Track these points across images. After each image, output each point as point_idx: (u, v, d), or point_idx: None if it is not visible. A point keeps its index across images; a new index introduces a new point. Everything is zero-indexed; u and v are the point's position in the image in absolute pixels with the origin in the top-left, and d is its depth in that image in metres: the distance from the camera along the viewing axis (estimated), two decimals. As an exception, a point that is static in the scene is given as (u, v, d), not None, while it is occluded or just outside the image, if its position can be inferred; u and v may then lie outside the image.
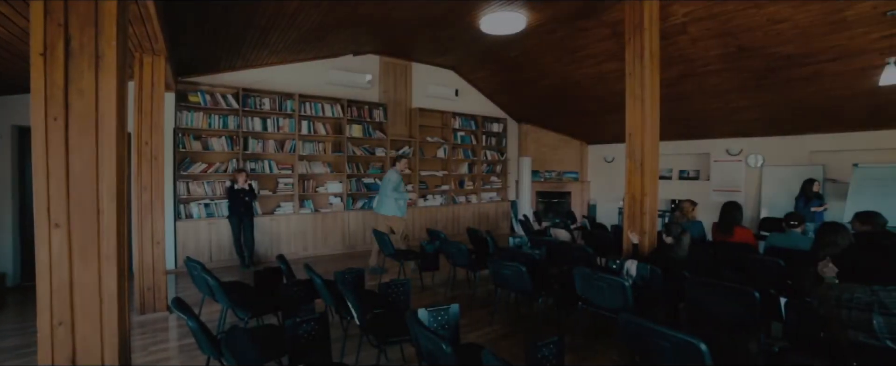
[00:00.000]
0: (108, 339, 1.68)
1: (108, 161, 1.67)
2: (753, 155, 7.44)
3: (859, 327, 1.85)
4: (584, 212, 9.47)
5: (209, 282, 3.00)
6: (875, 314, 1.81)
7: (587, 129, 9.34)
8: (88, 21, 1.63)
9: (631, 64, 4.21)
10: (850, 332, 1.88)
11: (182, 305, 2.14)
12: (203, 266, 3.14)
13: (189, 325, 2.04)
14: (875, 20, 4.14)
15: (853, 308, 1.88)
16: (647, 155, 4.12)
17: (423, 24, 5.79)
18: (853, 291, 1.92)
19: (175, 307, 2.13)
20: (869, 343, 1.82)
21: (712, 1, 4.53)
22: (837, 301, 1.94)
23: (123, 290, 1.78)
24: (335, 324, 3.65)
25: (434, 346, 1.86)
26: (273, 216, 6.31)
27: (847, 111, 5.79)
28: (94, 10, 1.64)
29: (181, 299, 2.20)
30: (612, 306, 2.99)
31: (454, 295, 4.64)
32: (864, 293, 1.88)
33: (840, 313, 1.92)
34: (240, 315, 2.94)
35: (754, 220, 7.09)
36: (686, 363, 1.94)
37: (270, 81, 6.43)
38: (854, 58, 4.72)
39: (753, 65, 5.36)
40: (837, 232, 2.61)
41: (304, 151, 6.66)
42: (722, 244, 4.27)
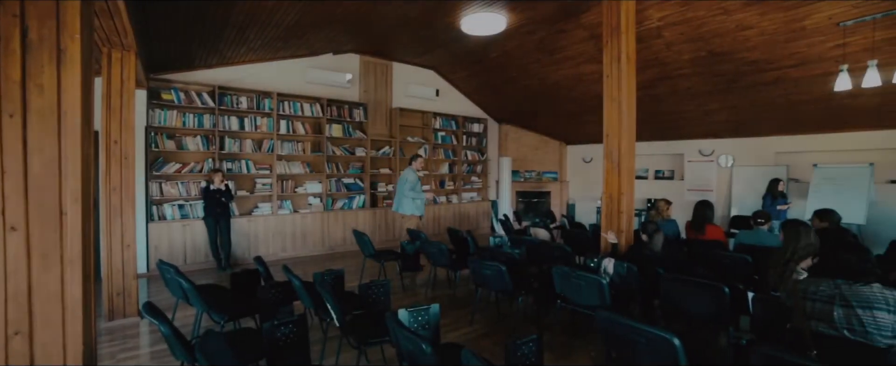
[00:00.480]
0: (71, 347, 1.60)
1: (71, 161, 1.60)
2: (724, 156, 7.70)
3: (821, 318, 1.95)
4: (563, 211, 9.61)
5: (183, 285, 2.93)
6: (836, 306, 1.91)
7: (566, 129, 9.48)
8: (48, 13, 1.55)
9: (608, 66, 4.30)
10: (813, 323, 1.97)
11: (154, 309, 2.07)
12: (177, 269, 3.05)
13: (161, 330, 1.99)
14: (830, 30, 4.38)
15: (817, 300, 1.98)
16: (624, 155, 4.21)
17: (403, 23, 5.78)
18: (819, 284, 2.02)
19: (146, 312, 2.06)
20: (828, 334, 1.92)
21: (685, 7, 4.68)
22: (804, 293, 2.04)
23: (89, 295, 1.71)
24: (314, 326, 3.60)
25: (414, 346, 1.86)
26: (251, 217, 6.19)
27: (807, 115, 6.08)
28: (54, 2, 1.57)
29: (153, 304, 2.13)
30: (590, 304, 3.05)
31: (435, 295, 4.64)
32: (828, 287, 1.97)
33: (805, 305, 2.01)
34: (215, 319, 2.87)
35: (725, 218, 7.34)
36: (660, 358, 2.00)
37: (248, 80, 6.30)
38: (812, 64, 4.97)
39: (723, 69, 5.55)
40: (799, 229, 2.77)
41: (282, 151, 6.54)
42: (695, 242, 4.41)
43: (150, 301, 2.18)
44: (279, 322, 2.21)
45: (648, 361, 2.07)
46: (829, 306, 1.94)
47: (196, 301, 2.94)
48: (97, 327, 3.59)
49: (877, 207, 5.88)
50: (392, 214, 7.62)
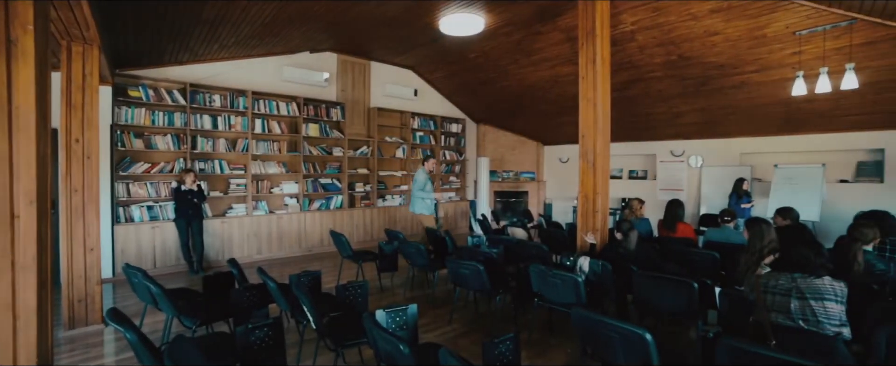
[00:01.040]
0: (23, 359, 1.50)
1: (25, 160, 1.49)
2: (694, 156, 7.97)
3: (780, 310, 2.07)
4: (540, 211, 9.74)
5: (152, 290, 2.82)
6: (793, 298, 2.03)
7: (543, 130, 9.62)
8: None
9: (584, 68, 4.39)
10: (773, 314, 2.08)
11: (119, 316, 1.98)
12: (145, 273, 2.94)
13: (127, 337, 1.90)
14: (787, 38, 4.63)
15: (776, 293, 2.09)
16: (599, 156, 4.31)
17: (381, 22, 5.74)
18: (778, 278, 2.13)
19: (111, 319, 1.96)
20: (786, 324, 2.04)
21: (656, 12, 4.82)
22: (765, 287, 2.14)
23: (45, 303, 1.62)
24: (291, 329, 3.54)
25: (392, 347, 1.86)
26: (224, 218, 6.03)
27: (768, 117, 6.38)
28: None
29: (118, 310, 2.04)
30: (567, 302, 3.11)
31: (413, 295, 4.63)
32: (786, 280, 2.09)
33: (765, 298, 2.12)
34: (187, 324, 2.79)
35: (695, 216, 7.60)
36: (633, 353, 2.06)
37: (221, 77, 6.13)
38: (773, 70, 5.22)
39: (692, 73, 5.75)
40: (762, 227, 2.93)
41: (257, 151, 6.40)
42: (666, 239, 4.55)
43: (115, 307, 2.08)
44: (254, 326, 2.17)
45: (622, 356, 2.12)
46: (786, 298, 2.05)
47: (165, 306, 2.85)
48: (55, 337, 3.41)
49: (828, 205, 6.24)
50: (370, 215, 7.57)
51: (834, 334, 1.93)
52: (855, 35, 4.31)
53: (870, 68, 4.67)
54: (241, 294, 3.03)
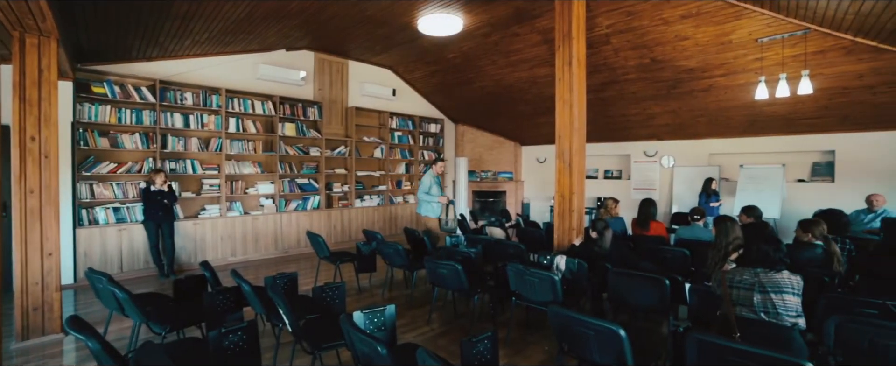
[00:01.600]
0: None
1: None
2: (666, 156, 8.22)
3: (744, 303, 2.17)
4: (518, 210, 9.85)
5: (117, 295, 2.71)
6: (755, 292, 2.14)
7: (521, 130, 9.73)
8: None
9: (560, 70, 4.47)
10: (738, 308, 2.18)
11: (80, 324, 1.88)
12: (110, 278, 2.82)
13: (89, 346, 1.79)
14: (751, 44, 4.86)
15: (741, 288, 2.20)
16: (575, 156, 4.39)
17: (359, 21, 5.69)
18: (742, 273, 2.23)
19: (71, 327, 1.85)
20: (749, 317, 2.14)
21: (630, 16, 4.95)
22: (730, 282, 2.24)
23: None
24: (266, 332, 3.48)
25: (369, 348, 1.85)
26: (197, 220, 5.85)
27: (735, 119, 6.66)
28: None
29: (79, 318, 1.93)
30: (544, 300, 3.16)
31: (392, 296, 4.61)
32: (749, 275, 2.20)
33: (731, 293, 2.22)
34: (156, 330, 2.69)
35: (667, 215, 7.83)
36: (608, 348, 2.11)
37: (193, 74, 5.94)
38: (738, 74, 5.45)
39: (664, 75, 5.93)
40: (727, 224, 3.06)
41: (231, 151, 6.24)
42: (640, 238, 4.68)
43: (75, 315, 1.97)
44: (227, 330, 2.12)
45: (597, 352, 2.17)
46: (750, 292, 2.16)
47: (132, 312, 2.74)
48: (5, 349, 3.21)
49: (788, 204, 6.58)
50: (348, 215, 7.49)
51: (791, 325, 2.05)
52: (809, 44, 4.57)
53: (822, 75, 4.95)
54: (215, 298, 2.95)
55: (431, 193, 5.54)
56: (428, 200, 5.55)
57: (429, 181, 5.57)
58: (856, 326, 2.08)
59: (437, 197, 5.54)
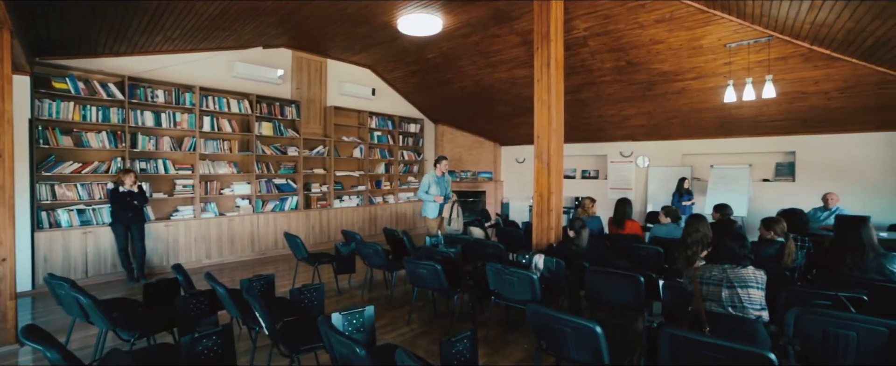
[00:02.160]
0: None
1: None
2: (642, 157, 8.43)
3: (713, 299, 2.26)
4: (497, 210, 9.92)
5: (81, 301, 2.58)
6: (723, 287, 2.23)
7: (500, 131, 9.81)
8: None
9: (539, 71, 4.52)
10: (707, 303, 2.27)
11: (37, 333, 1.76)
12: (72, 283, 2.69)
13: (48, 356, 1.69)
14: (720, 49, 5.05)
15: (710, 284, 2.28)
16: (553, 156, 4.46)
17: (338, 20, 5.63)
18: (711, 270, 2.32)
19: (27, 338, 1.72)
20: (718, 312, 2.23)
21: (607, 20, 5.06)
22: (700, 278, 2.32)
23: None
24: (243, 336, 3.41)
25: (348, 350, 1.83)
26: (169, 221, 5.67)
27: (705, 121, 6.90)
28: None
29: (36, 327, 1.81)
30: (523, 299, 3.19)
31: (371, 297, 4.58)
32: (718, 271, 2.28)
33: (701, 289, 2.30)
34: (124, 337, 2.58)
35: (642, 214, 8.03)
36: (585, 345, 2.15)
37: (165, 71, 5.75)
38: (708, 78, 5.65)
39: (639, 78, 6.08)
40: (698, 221, 3.18)
41: (206, 150, 6.07)
42: (616, 236, 4.78)
43: (32, 324, 1.86)
44: (201, 334, 2.06)
45: (575, 349, 2.22)
46: (718, 288, 2.24)
47: (98, 318, 2.61)
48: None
49: (754, 202, 6.87)
50: (326, 216, 7.40)
51: (755, 318, 2.15)
52: (772, 50, 4.79)
53: (784, 80, 5.19)
54: (187, 301, 2.87)
55: (430, 193, 5.50)
56: (427, 200, 5.52)
57: (426, 181, 5.53)
58: (812, 317, 2.21)
59: (430, 197, 5.49)
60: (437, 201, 5.50)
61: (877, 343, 2.05)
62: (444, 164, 5.65)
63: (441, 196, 5.53)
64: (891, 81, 4.85)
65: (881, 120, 5.76)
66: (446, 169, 5.69)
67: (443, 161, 5.65)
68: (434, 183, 5.54)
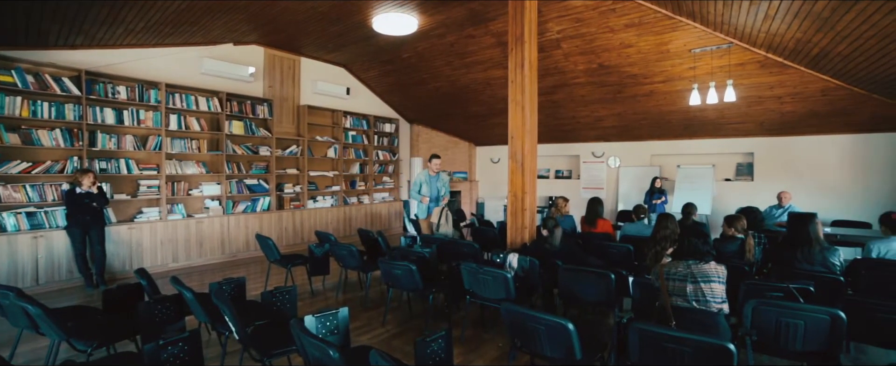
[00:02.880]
0: None
1: None
2: (613, 157, 8.66)
3: (679, 294, 2.36)
4: (473, 210, 9.99)
5: (30, 311, 2.39)
6: (688, 282, 2.33)
7: (475, 131, 9.87)
8: None
9: (513, 72, 4.58)
10: (674, 298, 2.36)
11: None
12: (19, 292, 2.49)
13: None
14: (685, 54, 5.27)
15: (676, 279, 2.37)
16: (527, 156, 4.52)
17: (311, 17, 5.53)
18: (677, 266, 2.41)
19: None
20: (683, 306, 2.33)
21: (579, 23, 5.18)
22: (667, 275, 2.41)
23: None
24: (212, 342, 3.30)
25: (321, 352, 1.81)
26: (132, 224, 5.42)
27: (672, 123, 7.17)
28: None
29: None
30: (497, 297, 3.23)
31: (345, 299, 4.53)
32: (683, 267, 2.38)
33: (668, 285, 2.39)
34: (79, 347, 2.42)
35: (613, 212, 8.26)
36: (558, 342, 2.19)
37: (128, 66, 5.50)
38: (675, 82, 5.87)
39: (611, 80, 6.25)
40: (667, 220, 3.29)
41: (173, 149, 5.85)
42: (588, 235, 4.89)
43: None
44: (166, 341, 1.98)
45: (548, 346, 2.26)
46: (683, 283, 2.34)
47: (49, 328, 2.42)
48: None
49: (717, 201, 7.20)
50: (300, 217, 7.26)
51: (717, 311, 2.27)
52: (732, 56, 5.04)
53: (743, 85, 5.46)
54: (152, 307, 2.75)
55: (421, 193, 5.40)
56: (416, 200, 5.44)
57: (418, 180, 5.43)
58: (767, 308, 2.35)
59: (418, 197, 5.39)
60: (424, 203, 5.40)
61: (820, 329, 2.23)
62: (436, 162, 5.47)
63: (428, 197, 5.41)
64: (832, 89, 5.23)
65: (826, 124, 6.19)
66: (438, 167, 5.48)
67: (434, 159, 5.47)
68: (425, 182, 5.42)
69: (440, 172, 5.50)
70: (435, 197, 5.47)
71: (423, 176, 5.46)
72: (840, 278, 3.03)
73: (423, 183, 5.44)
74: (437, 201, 5.46)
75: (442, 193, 5.48)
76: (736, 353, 1.79)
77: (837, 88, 5.19)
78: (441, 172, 5.51)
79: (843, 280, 3.02)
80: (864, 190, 6.29)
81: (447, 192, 5.54)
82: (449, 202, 5.50)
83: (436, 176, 5.48)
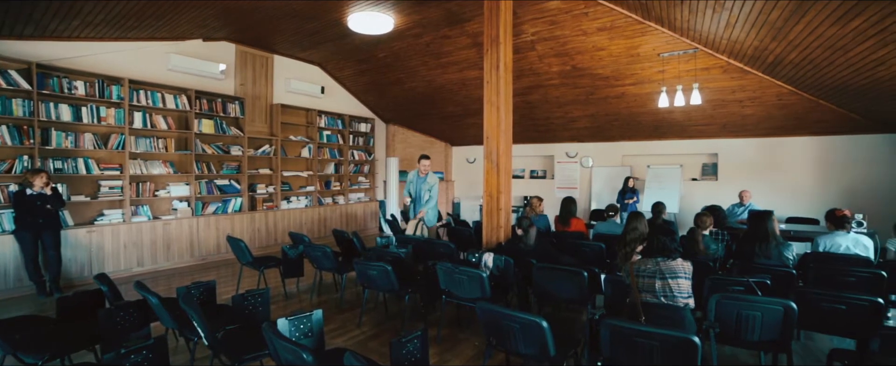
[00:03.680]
0: None
1: None
2: (586, 157, 8.85)
3: (648, 290, 2.44)
4: (449, 210, 10.01)
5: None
6: (657, 279, 2.41)
7: (451, 131, 9.90)
8: None
9: (488, 73, 4.62)
10: (643, 295, 2.44)
11: None
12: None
13: None
14: (654, 58, 5.46)
15: (645, 276, 2.46)
16: (502, 156, 4.57)
17: (285, 14, 5.42)
18: (646, 263, 2.49)
19: None
20: (652, 302, 2.42)
21: (553, 25, 5.27)
22: (637, 272, 2.49)
23: None
24: (180, 348, 3.19)
25: (294, 356, 1.78)
26: (92, 227, 5.16)
27: (642, 124, 7.41)
28: None
29: None
30: (473, 296, 3.25)
31: (320, 301, 4.46)
32: (652, 264, 2.46)
33: (638, 281, 2.46)
34: (28, 361, 2.26)
35: (587, 211, 8.44)
36: (532, 339, 2.23)
37: (86, 60, 5.21)
38: (645, 84, 6.07)
39: (584, 82, 6.38)
40: (637, 219, 3.40)
41: (137, 148, 5.60)
42: (562, 233, 4.98)
43: None
44: (128, 350, 1.90)
45: (523, 343, 2.29)
46: (652, 279, 2.43)
47: (-8, 341, 2.25)
48: None
49: (684, 199, 7.47)
50: (273, 218, 7.11)
51: (684, 305, 2.36)
52: (698, 61, 5.25)
53: (708, 88, 5.70)
54: (113, 314, 2.62)
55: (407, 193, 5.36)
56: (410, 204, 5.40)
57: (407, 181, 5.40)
58: (728, 301, 2.48)
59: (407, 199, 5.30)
60: (405, 203, 5.35)
61: (775, 319, 2.38)
62: (425, 163, 5.34)
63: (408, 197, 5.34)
64: (786, 94, 5.55)
65: (781, 127, 6.57)
66: (427, 168, 5.34)
67: (423, 160, 5.34)
68: (411, 182, 5.37)
69: (429, 173, 5.38)
70: (417, 198, 5.35)
71: (412, 176, 5.43)
72: (792, 272, 3.25)
73: (411, 183, 5.40)
74: (420, 202, 5.35)
75: (425, 196, 5.32)
76: (700, 345, 1.87)
77: (790, 94, 5.50)
78: (430, 174, 5.38)
79: (795, 273, 3.25)
80: (815, 189, 6.72)
81: (433, 195, 5.35)
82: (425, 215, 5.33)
83: (424, 178, 5.37)
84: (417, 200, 5.36)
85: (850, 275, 3.16)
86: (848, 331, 2.67)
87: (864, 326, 2.43)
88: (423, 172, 5.34)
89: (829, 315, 2.61)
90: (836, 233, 3.71)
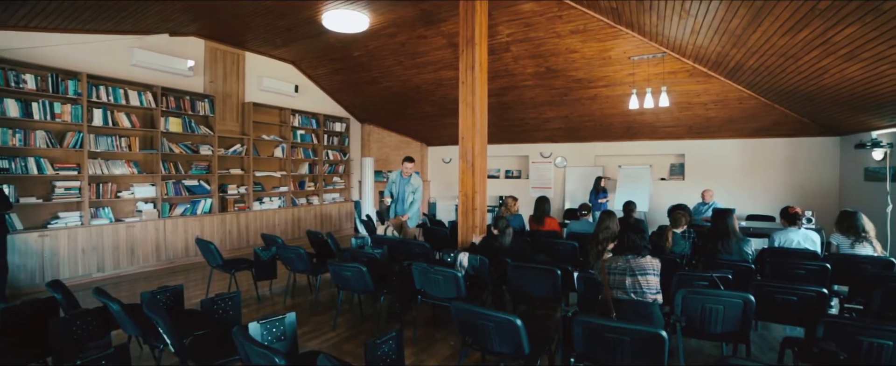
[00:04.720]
0: None
1: None
2: (560, 158, 9.02)
3: (619, 287, 2.51)
4: (425, 210, 9.99)
5: None
6: (627, 276, 2.49)
7: (427, 131, 9.89)
8: None
9: (464, 73, 4.64)
10: (615, 291, 2.51)
11: None
12: None
13: None
14: (625, 61, 5.62)
15: (616, 273, 2.53)
16: (478, 156, 4.60)
17: (257, 10, 5.29)
18: (617, 260, 2.57)
19: None
20: (623, 299, 2.50)
21: (528, 27, 5.34)
22: (608, 269, 2.56)
23: None
24: (145, 356, 3.06)
25: (266, 360, 1.74)
26: (45, 231, 4.86)
27: (614, 126, 7.62)
28: None
29: None
30: (448, 296, 3.25)
31: (294, 303, 4.37)
32: (623, 261, 2.53)
33: (609, 279, 2.53)
34: None
35: (560, 210, 8.59)
36: (507, 337, 2.25)
37: (37, 52, 4.88)
38: (616, 86, 6.24)
39: (557, 84, 6.50)
40: (609, 217, 3.49)
41: (97, 147, 5.33)
42: (536, 233, 5.06)
43: None
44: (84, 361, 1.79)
45: (498, 341, 2.31)
46: (623, 276, 2.50)
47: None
48: None
49: (653, 199, 7.73)
50: (245, 219, 6.92)
51: (652, 301, 2.44)
52: (666, 65, 5.45)
53: (675, 91, 5.92)
54: (68, 324, 2.45)
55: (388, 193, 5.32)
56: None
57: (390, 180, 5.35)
58: (694, 296, 2.60)
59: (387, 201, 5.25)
60: (386, 203, 5.30)
61: (735, 312, 2.52)
62: (408, 165, 5.26)
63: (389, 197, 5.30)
64: (746, 98, 5.85)
65: (742, 129, 6.93)
66: (410, 171, 5.28)
67: (406, 162, 5.27)
68: (394, 182, 5.34)
69: (413, 174, 5.36)
70: (399, 199, 5.35)
71: (395, 176, 5.40)
72: (751, 266, 3.44)
73: (393, 183, 5.37)
74: (401, 203, 5.33)
75: (409, 198, 5.28)
76: (667, 339, 1.94)
77: (750, 98, 5.79)
78: (414, 175, 5.37)
79: (754, 267, 3.43)
80: (771, 188, 7.10)
81: (417, 198, 5.30)
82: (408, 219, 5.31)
83: (406, 179, 5.35)
84: (399, 201, 5.35)
85: (800, 268, 3.37)
86: (798, 320, 2.86)
87: (811, 314, 2.60)
88: (407, 174, 5.32)
89: (783, 306, 2.78)
90: (789, 229, 3.93)
